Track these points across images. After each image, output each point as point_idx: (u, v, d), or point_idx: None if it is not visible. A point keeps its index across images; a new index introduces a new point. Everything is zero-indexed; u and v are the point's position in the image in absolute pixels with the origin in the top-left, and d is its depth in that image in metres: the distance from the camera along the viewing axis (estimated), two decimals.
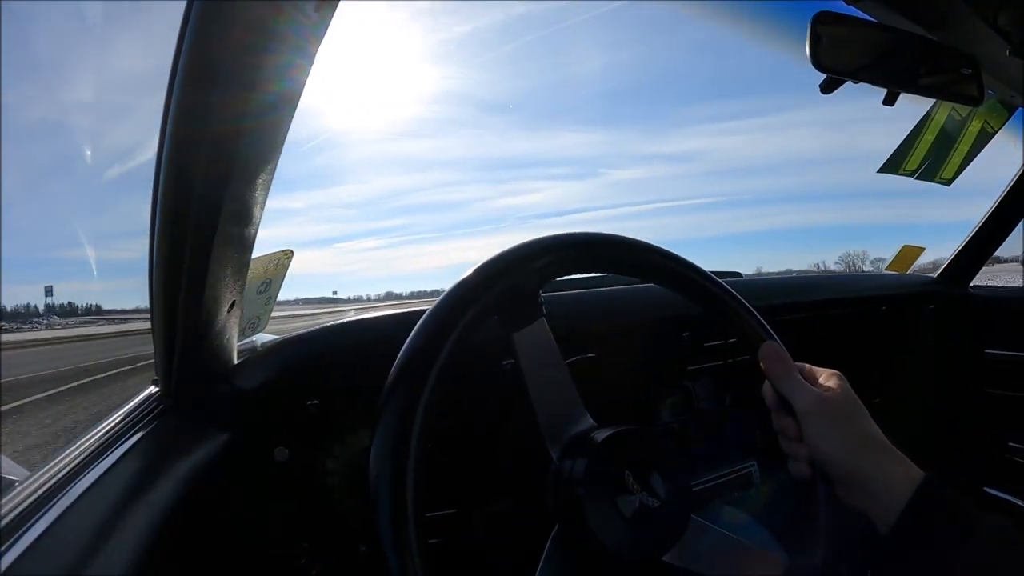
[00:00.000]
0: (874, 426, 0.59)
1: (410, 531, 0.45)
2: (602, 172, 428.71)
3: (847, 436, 0.58)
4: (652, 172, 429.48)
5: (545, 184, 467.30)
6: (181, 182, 0.49)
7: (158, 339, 0.65)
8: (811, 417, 0.59)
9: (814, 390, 0.60)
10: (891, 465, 0.56)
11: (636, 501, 0.53)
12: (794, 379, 0.61)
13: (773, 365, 0.63)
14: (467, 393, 0.85)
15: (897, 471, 0.56)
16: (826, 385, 0.61)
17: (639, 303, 1.07)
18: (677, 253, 0.67)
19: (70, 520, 0.49)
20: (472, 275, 0.56)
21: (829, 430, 0.58)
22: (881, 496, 0.55)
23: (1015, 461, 1.57)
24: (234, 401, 0.75)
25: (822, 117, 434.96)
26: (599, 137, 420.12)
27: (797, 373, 0.62)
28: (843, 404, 0.59)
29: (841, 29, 0.87)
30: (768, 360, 0.63)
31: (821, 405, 0.59)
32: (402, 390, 0.50)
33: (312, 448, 0.79)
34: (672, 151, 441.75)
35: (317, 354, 0.83)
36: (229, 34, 0.39)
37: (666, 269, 0.66)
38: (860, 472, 0.56)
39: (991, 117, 1.54)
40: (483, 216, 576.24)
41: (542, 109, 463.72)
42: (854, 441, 0.57)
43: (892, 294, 1.52)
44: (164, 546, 0.52)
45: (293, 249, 0.86)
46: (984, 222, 1.59)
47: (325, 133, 25.91)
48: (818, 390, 0.60)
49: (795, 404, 0.60)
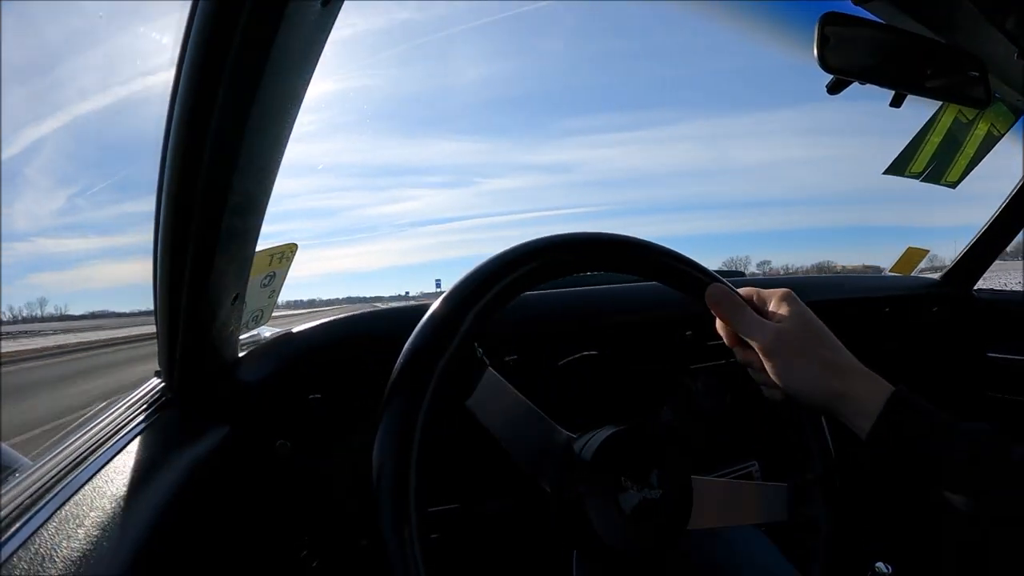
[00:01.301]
0: (835, 345, 0.60)
1: (412, 525, 0.46)
2: (478, 181, 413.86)
3: (810, 364, 0.58)
4: (527, 182, 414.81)
5: (421, 192, 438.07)
6: (186, 175, 0.49)
7: (161, 331, 0.65)
8: (772, 354, 0.59)
9: (769, 325, 0.60)
10: (859, 383, 0.57)
11: (637, 498, 0.54)
12: (746, 317, 0.61)
13: (723, 306, 0.62)
14: None
15: (866, 388, 0.56)
16: (780, 314, 0.60)
17: (641, 301, 1.07)
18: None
19: (71, 510, 0.49)
20: (470, 276, 0.55)
21: (792, 364, 0.58)
22: (855, 414, 0.55)
23: None
24: (236, 394, 0.75)
25: (696, 132, 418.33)
26: (476, 146, 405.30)
27: (748, 310, 0.61)
28: (800, 331, 0.59)
29: (848, 30, 0.87)
30: (716, 302, 0.62)
31: (779, 339, 0.58)
32: (407, 384, 0.50)
33: (314, 442, 0.79)
34: (547, 161, 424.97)
35: (319, 348, 0.83)
36: (235, 29, 0.39)
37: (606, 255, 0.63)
38: (830, 395, 0.57)
39: (997, 120, 1.53)
40: (360, 223, 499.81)
41: (420, 116, 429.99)
42: (817, 368, 0.57)
43: (895, 296, 1.52)
44: (165, 537, 0.52)
45: None
46: (989, 226, 1.59)
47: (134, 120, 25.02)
48: (773, 323, 0.60)
49: (754, 343, 0.60)
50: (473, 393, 0.54)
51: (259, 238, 0.62)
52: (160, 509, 0.54)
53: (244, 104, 0.45)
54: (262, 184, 0.55)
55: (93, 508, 0.50)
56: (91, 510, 0.50)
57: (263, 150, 0.52)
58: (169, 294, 0.59)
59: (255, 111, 0.46)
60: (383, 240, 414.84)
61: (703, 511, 0.58)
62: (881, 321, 1.46)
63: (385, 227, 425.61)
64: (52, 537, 0.46)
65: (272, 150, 0.53)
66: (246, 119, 0.46)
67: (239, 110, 0.45)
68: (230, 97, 0.44)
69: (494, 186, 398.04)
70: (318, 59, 0.47)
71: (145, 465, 0.59)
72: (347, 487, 0.80)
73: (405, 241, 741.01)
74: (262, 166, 0.53)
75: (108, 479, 0.55)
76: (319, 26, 0.44)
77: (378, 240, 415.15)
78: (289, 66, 0.45)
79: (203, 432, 0.68)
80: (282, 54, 0.42)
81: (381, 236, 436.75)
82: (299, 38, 0.43)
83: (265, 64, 0.42)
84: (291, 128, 0.52)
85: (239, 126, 0.46)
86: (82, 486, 0.54)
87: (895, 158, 1.59)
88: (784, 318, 0.60)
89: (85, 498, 0.52)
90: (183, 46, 0.42)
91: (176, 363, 0.67)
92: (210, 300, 0.61)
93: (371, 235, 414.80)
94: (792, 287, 0.64)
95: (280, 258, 0.85)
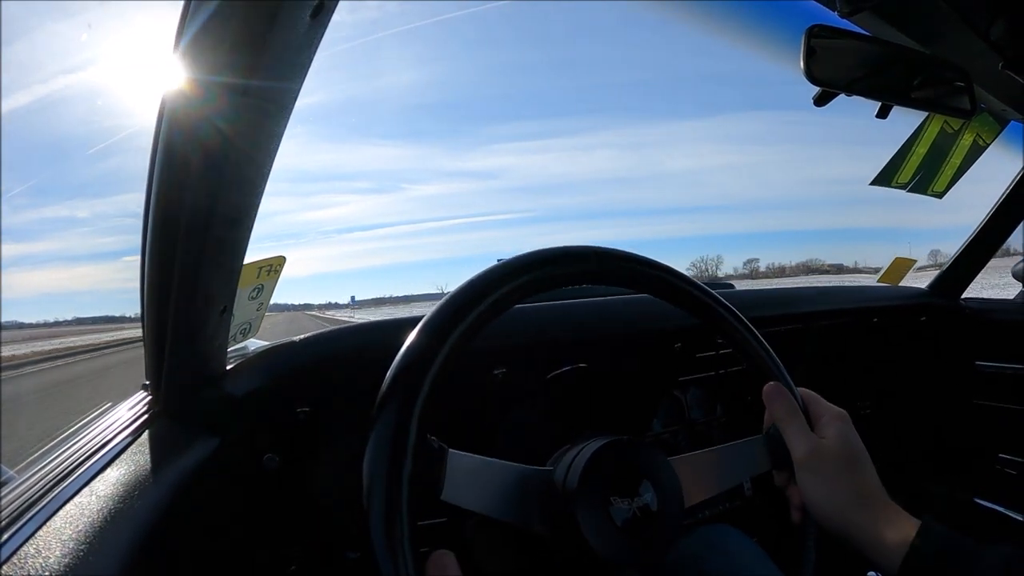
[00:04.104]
0: (871, 476, 0.58)
1: (404, 538, 0.45)
2: (405, 187, 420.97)
3: (838, 489, 0.57)
4: (454, 188, 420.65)
5: (348, 198, 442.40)
6: (173, 187, 0.49)
7: (149, 343, 0.65)
8: (804, 468, 0.58)
9: (811, 438, 0.59)
10: (884, 518, 0.55)
11: (629, 510, 0.53)
12: (794, 424, 0.60)
13: (776, 407, 0.62)
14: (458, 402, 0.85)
15: (890, 523, 0.55)
16: (825, 431, 0.60)
17: (631, 314, 1.07)
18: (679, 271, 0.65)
19: (58, 524, 0.49)
20: (473, 281, 0.55)
21: (821, 483, 0.57)
22: (878, 549, 0.54)
23: (1006, 473, 1.58)
24: (224, 407, 0.74)
25: (619, 140, 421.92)
26: (403, 152, 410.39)
27: (800, 418, 0.61)
28: (839, 454, 0.58)
29: (835, 42, 0.87)
30: (772, 400, 0.62)
31: (816, 456, 0.58)
32: (397, 397, 0.49)
33: (301, 455, 0.78)
34: (474, 167, 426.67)
35: (307, 361, 0.83)
36: (223, 41, 0.39)
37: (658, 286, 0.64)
38: (852, 526, 0.56)
39: (983, 130, 1.55)
40: (285, 230, 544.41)
41: (347, 121, 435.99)
42: (845, 495, 0.57)
43: (884, 306, 1.53)
44: (152, 551, 0.52)
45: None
46: (976, 235, 1.60)
47: (121, 132, 24.06)
48: (815, 437, 0.59)
49: (791, 451, 0.59)
50: (444, 487, 0.52)
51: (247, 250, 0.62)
52: (147, 523, 0.53)
53: (232, 116, 0.45)
54: (250, 196, 0.55)
55: (79, 522, 0.49)
56: (77, 524, 0.49)
57: (251, 161, 0.51)
58: (157, 305, 0.58)
59: (243, 123, 0.46)
60: (309, 247, 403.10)
61: (691, 488, 0.58)
62: (870, 331, 1.48)
63: (311, 234, 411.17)
64: (38, 552, 0.45)
65: (260, 162, 0.53)
66: (234, 131, 0.45)
67: (227, 122, 0.45)
68: (218, 109, 0.44)
69: (421, 192, 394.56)
70: (307, 71, 0.47)
71: (132, 479, 0.58)
72: (335, 501, 0.79)
73: (332, 248, 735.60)
74: (250, 177, 0.53)
75: (95, 493, 0.55)
76: (308, 38, 0.44)
77: (304, 247, 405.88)
78: (278, 77, 0.45)
79: (190, 445, 0.67)
80: (271, 65, 0.42)
81: (307, 243, 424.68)
82: (288, 50, 0.43)
83: (254, 75, 0.42)
84: (279, 140, 0.52)
85: (228, 138, 0.46)
86: (68, 500, 0.53)
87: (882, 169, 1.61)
88: (830, 436, 0.59)
89: (71, 512, 0.51)
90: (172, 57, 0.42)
91: (164, 375, 0.67)
92: (197, 312, 0.60)
93: (297, 242, 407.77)
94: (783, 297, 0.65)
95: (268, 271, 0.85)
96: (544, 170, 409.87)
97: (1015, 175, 1.50)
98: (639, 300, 1.04)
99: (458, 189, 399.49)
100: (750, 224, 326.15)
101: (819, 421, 0.61)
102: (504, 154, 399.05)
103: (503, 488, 0.54)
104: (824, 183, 43.50)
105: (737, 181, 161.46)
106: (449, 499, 0.51)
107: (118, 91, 0.72)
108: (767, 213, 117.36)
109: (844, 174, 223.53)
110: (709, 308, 0.65)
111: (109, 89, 0.72)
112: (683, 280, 0.64)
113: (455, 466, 0.52)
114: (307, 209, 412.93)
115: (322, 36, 0.45)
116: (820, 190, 34.34)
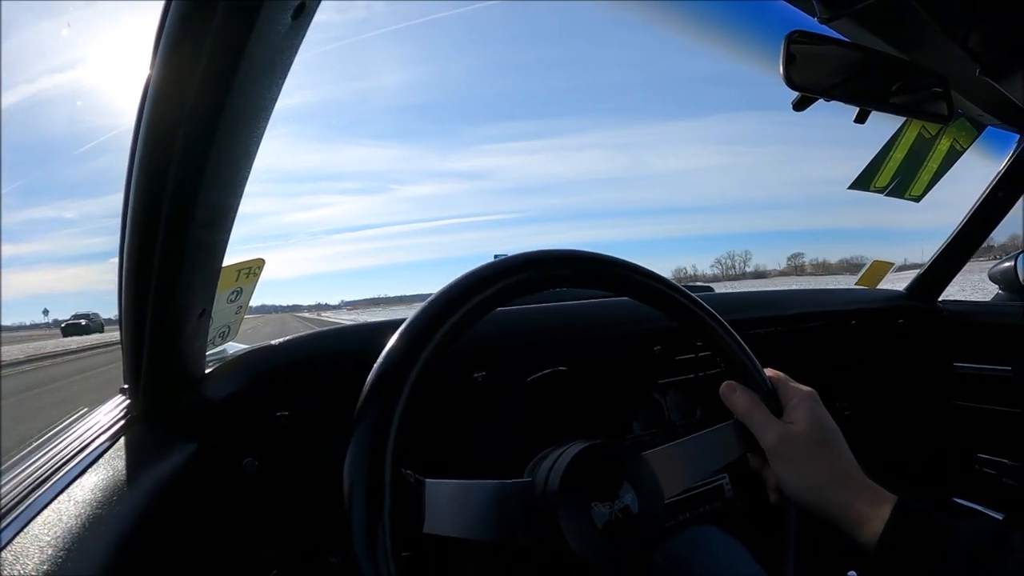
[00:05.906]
0: (844, 453, 0.59)
1: (386, 541, 0.45)
2: (393, 187, 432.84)
3: (812, 471, 0.57)
4: (443, 188, 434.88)
5: (336, 198, 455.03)
6: (152, 187, 0.48)
7: (127, 346, 0.64)
8: (776, 455, 0.59)
9: (778, 425, 0.60)
10: (862, 496, 0.56)
11: (610, 513, 0.53)
12: (756, 415, 0.61)
13: (735, 402, 0.63)
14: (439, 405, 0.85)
15: (868, 500, 0.55)
16: (794, 415, 0.60)
17: (611, 316, 1.07)
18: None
19: (36, 530, 0.48)
20: (461, 280, 0.55)
21: (794, 467, 0.58)
22: (856, 526, 0.55)
23: (983, 472, 1.60)
24: (203, 411, 0.74)
25: (610, 140, 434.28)
26: (391, 152, 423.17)
27: (761, 407, 0.61)
28: (810, 436, 0.59)
29: (814, 48, 0.88)
30: (729, 398, 0.63)
31: (785, 442, 0.58)
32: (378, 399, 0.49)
33: (281, 459, 0.78)
34: (463, 168, 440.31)
35: (286, 365, 0.82)
36: (203, 42, 0.39)
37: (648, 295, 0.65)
38: (830, 504, 0.56)
39: (960, 135, 1.57)
40: (273, 231, 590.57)
41: (335, 122, 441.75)
42: (819, 476, 0.57)
43: (862, 309, 1.55)
44: (132, 557, 0.51)
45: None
46: (952, 238, 1.63)
47: (109, 131, 23.42)
48: (783, 424, 0.60)
49: (760, 441, 0.60)
50: (425, 520, 0.51)
51: (226, 253, 0.62)
52: (126, 529, 0.52)
53: (212, 116, 0.44)
54: (230, 198, 0.55)
55: (58, 528, 0.49)
56: (56, 530, 0.48)
57: (231, 163, 0.51)
58: (135, 308, 0.58)
59: (223, 123, 0.45)
60: (297, 248, 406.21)
61: (668, 481, 0.58)
62: (848, 334, 1.49)
63: (299, 235, 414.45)
64: (16, 558, 0.44)
65: (240, 163, 0.52)
66: (214, 131, 0.45)
67: (207, 122, 0.44)
68: (198, 109, 0.43)
69: (410, 193, 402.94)
70: (287, 72, 0.47)
71: (111, 484, 0.57)
72: (315, 504, 0.79)
73: (320, 249, 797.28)
74: (230, 179, 0.53)
75: (72, 498, 0.54)
76: (289, 39, 0.44)
77: (292, 248, 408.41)
78: (258, 78, 0.45)
79: (169, 450, 0.66)
80: (251, 66, 0.42)
81: (295, 244, 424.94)
82: (269, 50, 0.43)
83: (234, 76, 0.42)
84: (259, 141, 0.52)
85: (207, 138, 0.45)
86: (46, 506, 0.52)
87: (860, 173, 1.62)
88: (799, 419, 0.60)
89: (49, 518, 0.50)
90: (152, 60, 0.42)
91: (142, 379, 0.66)
92: (176, 315, 0.60)
93: (285, 243, 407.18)
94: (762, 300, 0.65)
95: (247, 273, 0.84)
96: (535, 171, 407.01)
97: (991, 179, 1.52)
98: (620, 303, 1.04)
99: (448, 190, 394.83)
100: (745, 224, 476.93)
101: (788, 404, 0.62)
102: (494, 154, 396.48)
103: (483, 508, 0.53)
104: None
105: (729, 181, 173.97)
106: (432, 531, 0.51)
107: (104, 90, 0.71)
108: (761, 213, 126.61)
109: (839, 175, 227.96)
110: (683, 307, 0.65)
111: (94, 89, 0.71)
112: (659, 281, 0.64)
113: (434, 496, 0.51)
114: (295, 210, 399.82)
115: (303, 37, 0.45)
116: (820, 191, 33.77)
